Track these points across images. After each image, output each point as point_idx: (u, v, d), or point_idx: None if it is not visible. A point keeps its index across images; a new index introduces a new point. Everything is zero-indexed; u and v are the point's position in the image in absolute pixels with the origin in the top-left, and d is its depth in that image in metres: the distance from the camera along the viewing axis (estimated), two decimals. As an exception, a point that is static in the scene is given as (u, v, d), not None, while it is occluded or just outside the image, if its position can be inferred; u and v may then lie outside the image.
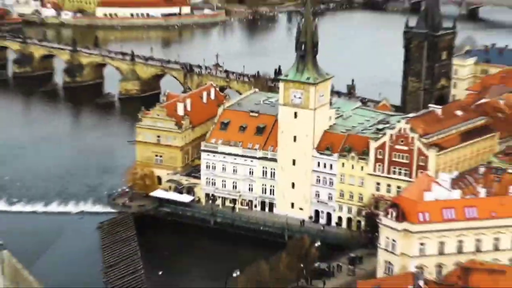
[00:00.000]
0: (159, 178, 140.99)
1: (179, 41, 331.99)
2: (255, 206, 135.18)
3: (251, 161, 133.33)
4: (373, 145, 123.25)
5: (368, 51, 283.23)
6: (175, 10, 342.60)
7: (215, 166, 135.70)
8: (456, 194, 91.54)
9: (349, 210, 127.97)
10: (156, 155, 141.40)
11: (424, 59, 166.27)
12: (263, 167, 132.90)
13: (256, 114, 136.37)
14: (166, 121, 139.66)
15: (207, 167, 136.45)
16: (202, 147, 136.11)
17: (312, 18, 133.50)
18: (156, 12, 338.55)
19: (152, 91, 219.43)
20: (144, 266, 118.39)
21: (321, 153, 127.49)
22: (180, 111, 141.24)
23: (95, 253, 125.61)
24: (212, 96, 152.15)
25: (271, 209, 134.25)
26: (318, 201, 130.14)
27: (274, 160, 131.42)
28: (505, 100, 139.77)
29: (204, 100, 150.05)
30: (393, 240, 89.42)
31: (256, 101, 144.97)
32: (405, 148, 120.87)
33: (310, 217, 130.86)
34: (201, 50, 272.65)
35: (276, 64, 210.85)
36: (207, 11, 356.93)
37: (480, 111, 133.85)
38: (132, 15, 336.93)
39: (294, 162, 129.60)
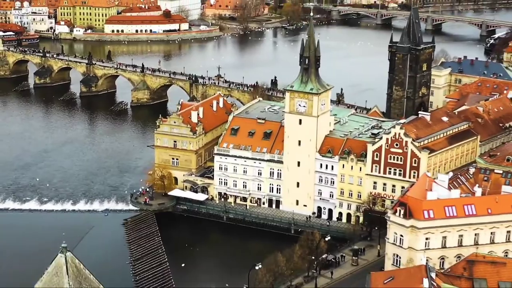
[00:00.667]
0: (175, 179, 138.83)
1: (179, 54, 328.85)
2: (263, 203, 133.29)
3: (260, 163, 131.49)
4: (370, 148, 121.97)
5: (349, 61, 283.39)
6: (175, 26, 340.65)
7: (227, 168, 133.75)
8: (456, 193, 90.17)
9: (349, 207, 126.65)
10: (173, 158, 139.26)
11: (407, 70, 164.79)
12: (271, 168, 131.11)
13: (263, 121, 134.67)
14: (182, 128, 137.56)
15: (219, 168, 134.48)
16: (215, 151, 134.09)
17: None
18: (158, 28, 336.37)
19: (161, 100, 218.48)
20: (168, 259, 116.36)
21: (323, 156, 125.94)
22: (194, 118, 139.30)
23: (122, 247, 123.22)
24: (221, 104, 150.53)
25: (277, 206, 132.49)
26: (320, 199, 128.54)
27: (280, 162, 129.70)
28: (483, 107, 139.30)
29: (214, 108, 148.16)
30: (401, 235, 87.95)
31: (261, 109, 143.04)
32: (400, 151, 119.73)
33: (313, 213, 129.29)
34: (198, 61, 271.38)
35: (267, 73, 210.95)
36: (203, 27, 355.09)
37: (462, 117, 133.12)
38: (137, 31, 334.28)
39: (298, 164, 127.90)
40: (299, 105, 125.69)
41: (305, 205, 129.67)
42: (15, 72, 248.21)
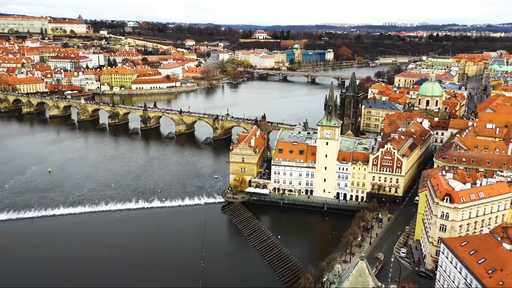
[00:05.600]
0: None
1: (176, 100, 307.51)
2: (302, 192, 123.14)
3: (300, 168, 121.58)
4: (372, 157, 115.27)
5: (285, 100, 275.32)
6: (172, 84, 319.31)
7: (279, 172, 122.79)
8: (468, 185, 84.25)
9: (357, 191, 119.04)
10: (241, 168, 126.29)
11: (352, 107, 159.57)
12: (307, 171, 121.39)
13: (296, 143, 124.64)
14: (248, 150, 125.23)
15: (275, 173, 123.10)
16: (272, 163, 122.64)
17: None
18: (163, 85, 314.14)
19: (191, 130, 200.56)
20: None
21: (340, 162, 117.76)
22: (253, 143, 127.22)
23: (232, 227, 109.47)
24: (258, 133, 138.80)
25: (311, 193, 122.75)
26: (339, 188, 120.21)
27: (313, 167, 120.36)
28: (414, 128, 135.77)
29: (257, 136, 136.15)
30: (447, 213, 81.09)
31: (288, 135, 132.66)
32: (390, 158, 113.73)
33: (334, 196, 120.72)
34: (189, 103, 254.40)
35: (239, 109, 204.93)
36: (188, 84, 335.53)
37: (408, 135, 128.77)
38: (151, 87, 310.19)
39: (325, 168, 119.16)
40: (327, 133, 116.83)
41: (329, 192, 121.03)
42: (92, 117, 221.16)
